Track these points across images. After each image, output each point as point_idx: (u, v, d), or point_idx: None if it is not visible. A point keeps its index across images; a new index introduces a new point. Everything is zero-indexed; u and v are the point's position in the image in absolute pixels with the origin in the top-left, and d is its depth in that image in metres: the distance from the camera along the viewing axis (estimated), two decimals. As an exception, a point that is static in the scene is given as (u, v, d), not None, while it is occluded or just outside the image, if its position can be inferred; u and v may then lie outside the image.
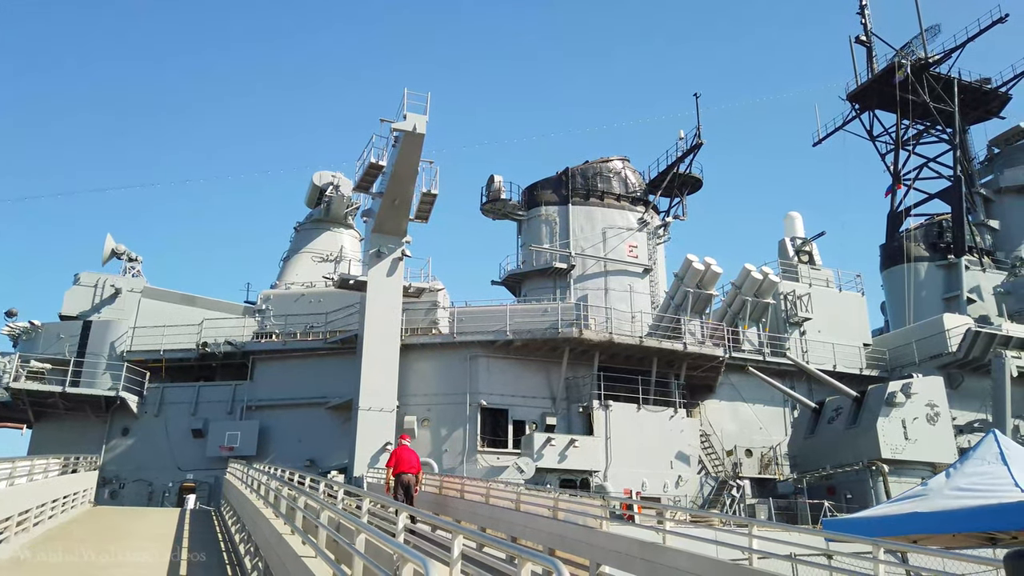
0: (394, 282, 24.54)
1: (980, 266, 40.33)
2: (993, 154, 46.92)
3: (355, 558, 4.16)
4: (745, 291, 30.29)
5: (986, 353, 28.90)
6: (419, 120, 22.26)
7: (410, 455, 13.04)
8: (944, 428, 25.11)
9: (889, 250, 43.09)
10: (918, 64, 43.48)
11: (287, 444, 25.22)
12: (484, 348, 25.62)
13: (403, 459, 12.83)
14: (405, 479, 12.59)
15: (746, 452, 28.44)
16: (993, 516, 7.73)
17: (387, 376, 23.57)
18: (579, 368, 26.20)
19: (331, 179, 33.34)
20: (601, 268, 32.85)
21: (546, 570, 4.04)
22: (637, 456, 24.34)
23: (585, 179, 34.47)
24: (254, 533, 8.77)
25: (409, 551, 3.35)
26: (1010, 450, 8.92)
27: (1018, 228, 43.61)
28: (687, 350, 26.60)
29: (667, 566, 7.10)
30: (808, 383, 29.73)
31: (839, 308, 33.00)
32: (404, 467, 12.70)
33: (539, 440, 23.29)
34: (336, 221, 33.72)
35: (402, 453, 12.99)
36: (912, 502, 8.85)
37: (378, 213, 24.28)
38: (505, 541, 3.96)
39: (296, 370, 26.59)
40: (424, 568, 2.86)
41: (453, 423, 24.87)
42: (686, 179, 36.54)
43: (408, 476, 12.62)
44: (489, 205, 34.65)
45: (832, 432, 25.84)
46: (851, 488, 24.46)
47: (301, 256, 32.72)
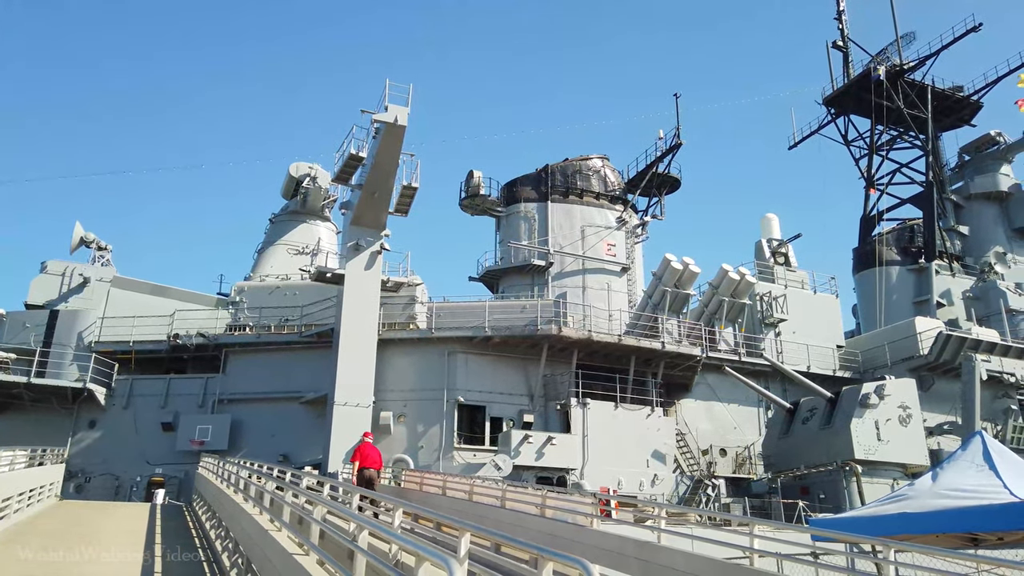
0: (372, 276, 24.22)
1: (950, 271, 41.06)
2: (964, 161, 47.81)
3: (357, 556, 3.96)
4: (722, 291, 30.44)
5: (956, 356, 29.36)
6: (401, 112, 21.97)
7: (373, 451, 13.82)
8: (916, 430, 25.46)
9: (862, 253, 43.69)
10: (893, 70, 44.08)
11: (260, 439, 24.78)
12: (462, 344, 25.41)
13: (367, 455, 13.60)
14: (368, 474, 13.41)
15: (721, 451, 28.58)
16: (983, 517, 7.75)
17: (363, 371, 23.27)
18: (557, 366, 26.11)
19: (308, 170, 32.82)
20: (579, 266, 32.81)
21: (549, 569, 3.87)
22: (614, 454, 24.31)
23: (564, 176, 34.39)
24: (233, 529, 8.51)
25: (427, 549, 3.17)
26: (996, 451, 8.98)
27: (986, 234, 44.49)
28: (665, 349, 26.65)
29: (662, 565, 6.99)
30: (782, 383, 29.97)
31: (814, 310, 33.32)
32: (368, 463, 13.48)
33: (516, 437, 23.15)
34: (313, 213, 33.23)
35: (365, 449, 13.73)
36: (899, 502, 8.86)
37: (357, 205, 23.94)
38: (522, 541, 3.78)
39: (270, 364, 26.13)
40: (447, 567, 2.68)
41: (429, 419, 24.63)
42: (665, 179, 36.66)
43: (371, 471, 13.39)
44: (468, 201, 34.42)
45: (806, 432, 26.06)
46: (824, 488, 24.69)
47: (276, 248, 32.20)
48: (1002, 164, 46.09)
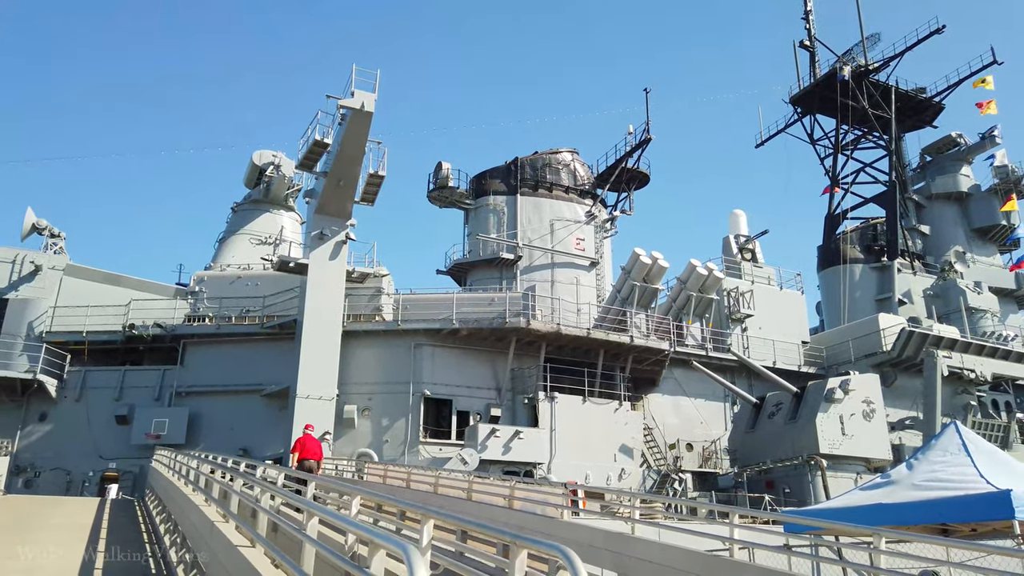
0: (337, 266, 23.66)
1: (911, 269, 41.71)
2: (925, 162, 48.64)
3: (305, 546, 3.58)
4: (690, 286, 30.42)
5: (918, 352, 29.74)
6: (368, 98, 21.45)
7: (314, 443, 14.10)
8: (879, 424, 25.69)
9: (826, 251, 44.19)
10: (858, 71, 44.60)
11: (219, 432, 24.08)
12: (429, 337, 24.98)
13: (307, 447, 13.87)
14: (307, 465, 13.44)
15: (687, 446, 28.57)
16: (961, 507, 7.64)
17: (327, 363, 22.74)
18: (525, 359, 25.83)
19: (272, 159, 32.02)
20: (548, 260, 32.56)
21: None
22: (581, 448, 24.11)
23: (534, 170, 34.10)
24: (182, 523, 8.03)
25: (383, 535, 2.80)
26: (971, 441, 8.90)
27: (947, 234, 45.31)
28: (633, 343, 26.52)
29: (637, 558, 6.71)
30: (748, 378, 30.08)
31: (780, 306, 33.53)
32: (307, 454, 13.70)
33: (483, 431, 22.82)
34: (276, 202, 32.45)
35: (306, 441, 14.01)
36: (876, 493, 8.73)
37: (322, 193, 23.35)
38: (494, 527, 3.43)
39: (230, 355, 25.41)
40: (405, 556, 2.32)
41: (395, 413, 24.17)
42: (634, 174, 36.57)
43: (310, 463, 13.58)
44: (436, 192, 33.95)
45: (772, 427, 26.15)
46: (789, 482, 24.81)
47: (238, 238, 31.38)
48: (962, 165, 46.98)
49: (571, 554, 2.49)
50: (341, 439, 23.35)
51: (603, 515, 9.58)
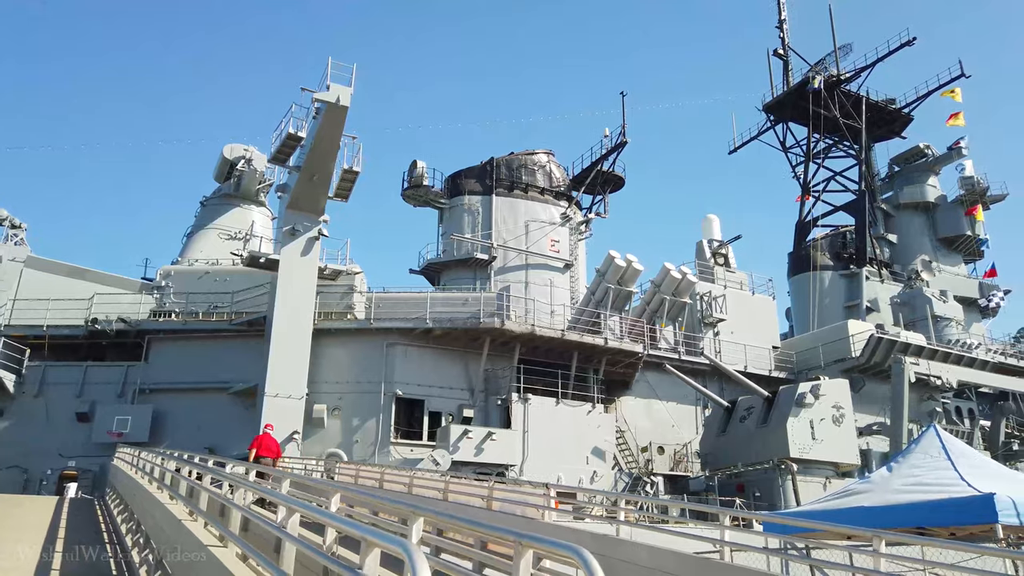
0: (309, 262, 23.24)
1: (879, 277, 42.36)
2: (894, 171, 49.48)
3: (285, 546, 3.33)
4: (664, 290, 30.50)
5: (887, 359, 30.11)
6: (343, 92, 21.09)
7: (271, 441, 14.64)
8: (848, 429, 25.93)
9: (796, 258, 44.71)
10: (830, 80, 45.23)
11: (184, 431, 23.45)
12: (402, 336, 24.66)
13: (264, 444, 14.41)
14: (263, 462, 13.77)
15: (659, 449, 28.60)
16: (943, 510, 7.60)
17: (297, 361, 22.30)
18: (498, 360, 25.62)
19: (243, 152, 31.46)
20: (522, 261, 32.41)
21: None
22: (554, 450, 23.97)
23: (510, 170, 33.95)
24: (145, 522, 7.68)
25: (378, 533, 2.59)
26: (952, 445, 8.91)
27: (914, 243, 46.10)
28: (607, 345, 26.46)
29: (623, 561, 6.53)
30: (720, 382, 30.20)
31: (751, 310, 33.74)
32: (263, 451, 14.22)
33: (456, 432, 22.57)
34: (247, 197, 31.85)
35: (264, 439, 14.60)
36: (857, 496, 8.68)
37: (294, 188, 22.92)
38: (504, 528, 3.22)
39: (197, 352, 24.82)
40: (406, 555, 2.11)
41: (366, 413, 23.79)
42: (609, 177, 36.66)
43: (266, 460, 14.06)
44: (411, 191, 33.64)
45: (743, 431, 26.25)
46: (760, 486, 24.91)
47: (207, 232, 30.73)
48: (929, 176, 47.85)
49: (587, 555, 2.31)
50: (310, 439, 22.91)
51: (581, 516, 9.42)
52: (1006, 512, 7.26)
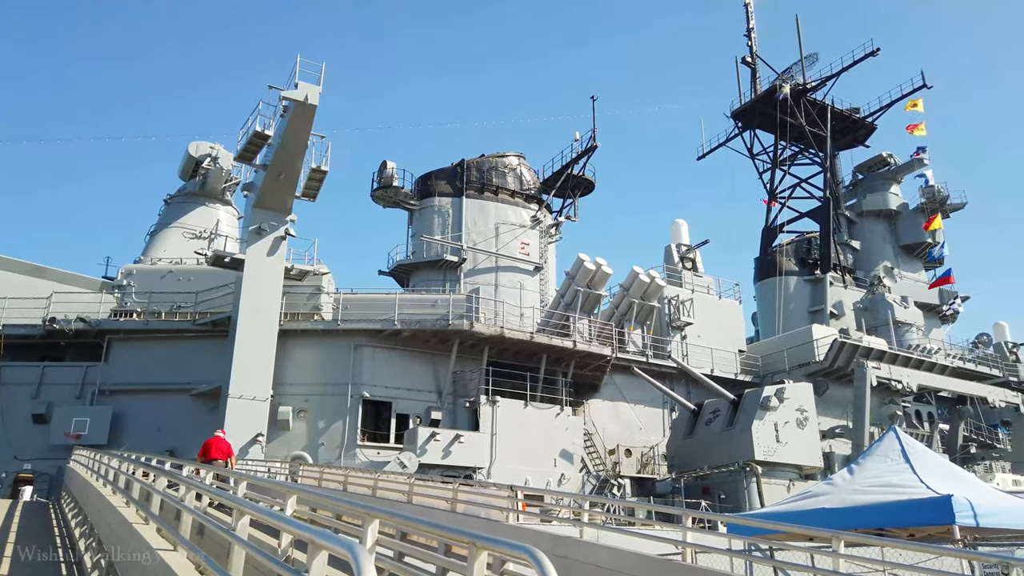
0: (275, 262, 22.91)
1: (842, 283, 43.09)
2: (858, 179, 50.42)
3: (234, 548, 3.23)
4: (632, 293, 30.67)
5: (849, 363, 30.61)
6: (312, 90, 20.86)
7: (221, 443, 14.61)
8: (811, 432, 26.29)
9: (763, 263, 45.31)
10: (797, 89, 45.96)
11: (144, 433, 22.97)
12: (370, 337, 24.43)
13: (213, 447, 14.33)
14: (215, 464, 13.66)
15: (626, 452, 28.70)
16: (903, 512, 7.71)
17: (262, 362, 21.97)
18: (467, 362, 25.52)
19: (209, 150, 30.95)
20: (492, 263, 32.36)
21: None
22: (522, 453, 23.93)
23: (480, 172, 33.90)
24: (98, 525, 7.45)
25: (325, 535, 2.51)
26: (911, 447, 9.04)
27: (876, 249, 47.00)
28: (576, 348, 26.50)
29: (584, 562, 6.51)
30: (687, 385, 30.42)
31: (718, 314, 34.06)
32: (213, 453, 14.13)
33: (423, 435, 22.42)
34: (212, 195, 31.33)
35: (214, 443, 14.55)
36: (819, 498, 8.78)
37: (261, 187, 22.59)
38: (452, 527, 3.16)
39: (159, 352, 24.34)
40: (352, 556, 2.05)
41: (332, 415, 23.52)
42: (579, 180, 36.75)
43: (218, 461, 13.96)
44: (380, 192, 33.41)
45: (709, 433, 26.48)
46: (725, 488, 25.12)
47: (171, 231, 30.16)
48: (892, 184, 48.85)
49: (540, 555, 2.26)
50: (275, 441, 22.59)
51: (548, 519, 9.37)
52: (963, 513, 7.39)
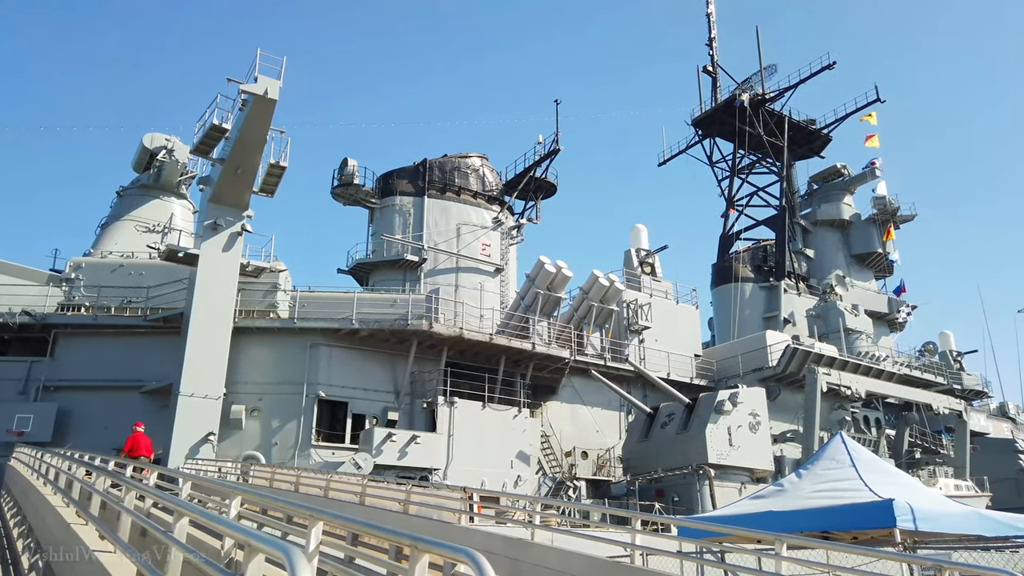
0: (230, 258, 22.49)
1: (796, 290, 44.04)
2: (813, 189, 51.63)
3: (172, 551, 3.15)
4: (592, 296, 30.88)
5: (801, 369, 31.26)
6: (272, 84, 20.53)
7: (145, 440, 14.91)
8: (763, 437, 26.78)
9: (720, 269, 46.06)
10: (756, 99, 46.87)
11: (91, 430, 22.33)
12: (326, 336, 24.14)
13: (139, 443, 14.61)
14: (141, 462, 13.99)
15: (582, 454, 28.86)
16: (847, 515, 7.90)
17: (215, 360, 21.53)
18: (425, 363, 25.40)
19: (164, 142, 30.22)
20: (453, 264, 32.29)
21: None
22: (478, 455, 23.88)
23: (443, 173, 33.80)
24: (36, 526, 7.22)
25: (261, 537, 2.46)
26: (857, 452, 9.27)
27: (829, 258, 48.16)
28: (535, 350, 26.57)
29: (534, 564, 6.52)
30: (643, 389, 30.72)
31: (675, 319, 34.47)
32: (140, 451, 14.41)
33: (379, 435, 22.22)
34: (167, 189, 30.61)
35: (138, 439, 14.77)
36: (768, 501, 8.94)
37: (218, 181, 22.15)
38: (392, 529, 3.13)
39: (108, 348, 23.71)
40: (287, 559, 2.01)
41: (286, 414, 23.18)
42: (542, 183, 36.89)
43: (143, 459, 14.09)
44: (341, 189, 33.10)
45: (664, 436, 26.78)
46: (679, 491, 25.42)
47: (123, 224, 29.39)
48: (845, 195, 50.13)
49: (479, 558, 2.25)
50: (227, 441, 22.17)
51: (503, 521, 9.36)
52: (903, 517, 7.61)
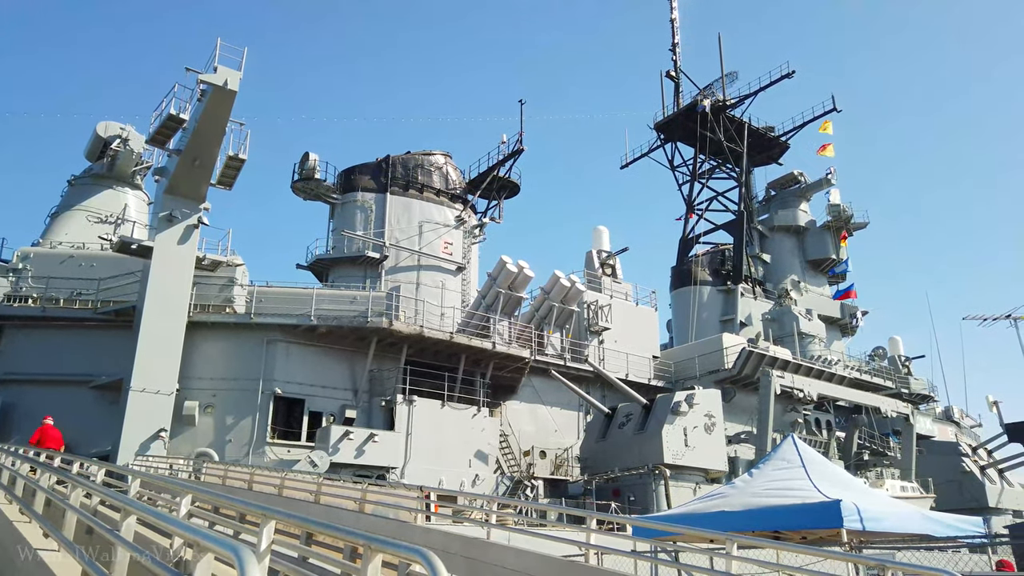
0: (186, 251, 22.06)
1: (753, 294, 44.83)
2: (770, 195, 52.58)
3: (118, 550, 3.07)
4: (553, 297, 31.02)
5: (756, 371, 31.84)
6: (232, 75, 20.21)
7: (55, 432, 14.88)
8: (718, 437, 27.20)
9: (679, 272, 46.67)
10: (717, 105, 47.60)
11: (37, 425, 21.60)
12: (284, 332, 23.82)
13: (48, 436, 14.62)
14: None
15: (541, 453, 28.99)
16: (796, 515, 8.08)
17: (168, 355, 21.10)
18: (385, 361, 25.22)
19: (119, 131, 29.43)
20: (415, 262, 32.13)
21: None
22: (437, 453, 23.82)
23: (406, 170, 33.60)
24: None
25: (210, 536, 2.42)
26: (807, 454, 9.49)
27: (785, 263, 49.14)
28: (495, 349, 26.58)
29: (491, 564, 6.52)
30: (602, 389, 30.98)
31: (635, 321, 34.83)
32: (48, 443, 14.29)
33: (336, 433, 22.01)
34: (121, 179, 29.81)
35: (47, 431, 14.80)
36: (720, 500, 9.10)
37: (174, 172, 21.70)
38: (346, 529, 3.10)
39: (56, 341, 23.03)
40: (237, 559, 1.98)
41: (241, 411, 22.81)
42: (505, 183, 36.91)
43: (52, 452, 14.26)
44: (301, 184, 32.66)
45: (622, 436, 27.03)
46: (634, 490, 25.68)
47: (74, 213, 28.55)
48: (801, 201, 51.17)
49: (433, 558, 2.25)
50: (179, 437, 21.73)
51: (459, 520, 9.34)
52: (850, 518, 7.83)
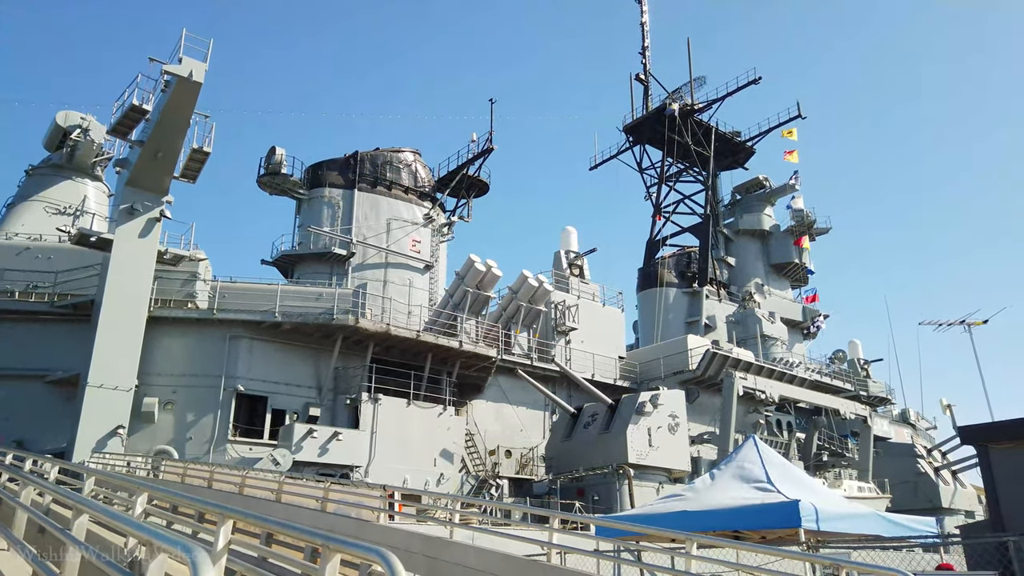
0: (147, 244, 21.62)
1: (717, 297, 45.44)
2: (736, 199, 53.34)
3: (69, 550, 3.00)
4: (521, 296, 31.05)
5: (719, 372, 32.28)
6: (197, 66, 19.84)
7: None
8: (682, 438, 27.51)
9: (646, 274, 47.10)
10: (685, 109, 48.14)
11: (-11, 420, 21.11)
12: (247, 329, 23.49)
13: None
14: None
15: (506, 453, 29.02)
16: (756, 515, 8.21)
17: (127, 350, 20.67)
18: (350, 359, 25.02)
19: (79, 121, 28.78)
20: (382, 259, 31.90)
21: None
22: (402, 452, 23.69)
23: (374, 166, 33.34)
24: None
25: (164, 536, 2.37)
26: (767, 455, 9.64)
27: (749, 267, 49.90)
28: (462, 348, 26.53)
29: (452, 563, 6.51)
30: (568, 389, 31.11)
31: (601, 321, 35.03)
32: None
33: (299, 431, 21.76)
34: (80, 169, 29.15)
35: None
36: (681, 500, 9.20)
37: (136, 164, 21.26)
38: (305, 528, 3.06)
39: (10, 335, 22.39)
40: (190, 560, 1.95)
41: (202, 408, 22.44)
42: (474, 181, 36.87)
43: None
44: (268, 178, 32.19)
45: (587, 436, 27.19)
46: (599, 490, 25.85)
47: (31, 204, 27.83)
48: (766, 206, 52.00)
49: (391, 558, 2.23)
50: (138, 434, 21.30)
51: (421, 519, 9.31)
52: (808, 518, 7.98)
